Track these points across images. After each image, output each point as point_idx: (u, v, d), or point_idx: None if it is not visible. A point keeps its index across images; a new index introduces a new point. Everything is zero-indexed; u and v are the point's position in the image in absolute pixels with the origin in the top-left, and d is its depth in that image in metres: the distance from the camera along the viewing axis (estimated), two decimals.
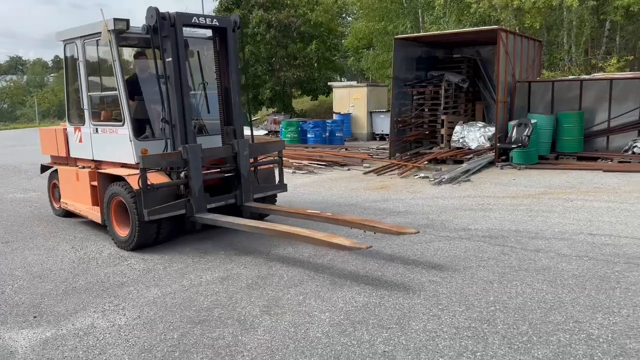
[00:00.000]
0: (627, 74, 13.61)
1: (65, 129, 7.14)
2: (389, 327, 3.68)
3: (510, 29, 15.24)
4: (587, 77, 13.77)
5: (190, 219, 5.76)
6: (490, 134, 12.48)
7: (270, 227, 5.32)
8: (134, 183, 5.45)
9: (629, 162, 10.95)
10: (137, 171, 5.48)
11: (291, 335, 3.64)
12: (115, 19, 5.72)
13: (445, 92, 13.42)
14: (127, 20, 5.82)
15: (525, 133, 11.10)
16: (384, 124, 18.60)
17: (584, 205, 7.39)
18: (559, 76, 17.69)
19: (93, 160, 6.66)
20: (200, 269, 5.19)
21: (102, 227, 6.47)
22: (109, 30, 5.76)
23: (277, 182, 6.82)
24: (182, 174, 5.74)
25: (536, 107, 12.95)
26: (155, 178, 5.58)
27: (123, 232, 5.89)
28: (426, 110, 13.99)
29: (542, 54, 16.56)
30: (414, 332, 3.60)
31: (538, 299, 4.08)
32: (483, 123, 13.24)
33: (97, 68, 6.48)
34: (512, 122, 11.60)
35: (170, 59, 5.60)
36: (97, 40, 6.16)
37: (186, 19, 5.68)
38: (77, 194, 6.84)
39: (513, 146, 11.19)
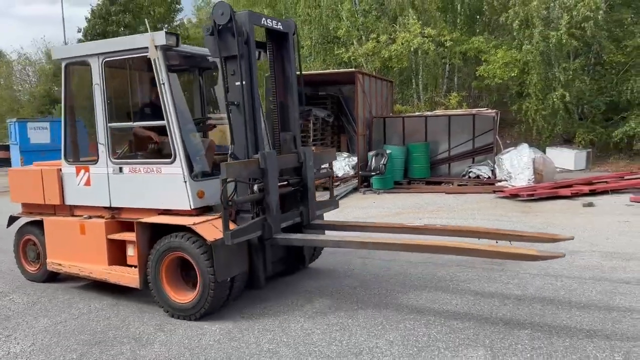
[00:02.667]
0: (462, 111, 16.01)
1: (59, 169, 5.67)
2: (272, 330, 4.33)
3: (367, 72, 17.08)
4: (430, 113, 15.93)
5: (268, 241, 4.81)
6: (353, 163, 13.89)
7: (408, 242, 4.50)
8: (208, 234, 4.45)
9: (466, 184, 12.96)
10: (204, 218, 4.71)
11: (186, 345, 4.12)
12: (167, 33, 4.85)
13: (313, 126, 14.66)
14: (178, 35, 4.97)
15: (382, 162, 12.59)
16: None
17: (429, 222, 8.75)
18: (410, 111, 20.08)
19: (109, 208, 5.38)
20: (87, 297, 5.39)
21: None
22: (156, 46, 4.81)
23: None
24: (255, 188, 4.72)
25: (390, 139, 14.67)
26: (212, 229, 4.60)
27: (182, 297, 4.74)
28: None
29: (394, 92, 18.75)
30: (293, 331, 4.30)
31: (390, 296, 5.03)
32: (348, 153, 14.67)
33: (125, 92, 5.37)
34: (371, 153, 13.08)
35: (239, 83, 4.66)
36: (127, 59, 5.15)
37: (256, 20, 4.84)
38: (81, 252, 5.43)
39: (372, 174, 12.62)
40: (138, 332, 4.41)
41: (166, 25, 29.44)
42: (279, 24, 5.08)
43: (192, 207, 4.78)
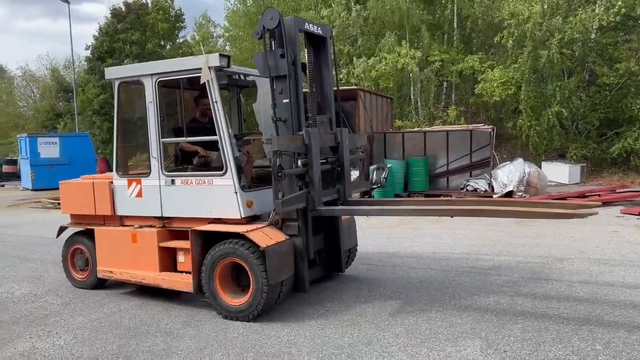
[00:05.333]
0: (460, 127, 16.59)
1: (110, 182, 5.97)
2: (290, 325, 4.80)
3: (367, 89, 17.71)
4: (428, 129, 16.50)
5: (312, 212, 5.16)
6: (355, 176, 14.40)
7: (450, 208, 5.00)
8: (260, 240, 4.80)
9: (464, 197, 13.47)
10: (255, 226, 5.05)
11: (213, 337, 4.60)
12: (220, 55, 5.15)
13: None
14: (229, 57, 5.24)
15: (383, 175, 13.05)
16: None
17: (429, 232, 9.25)
18: (409, 126, 20.71)
19: (160, 218, 5.67)
20: (116, 299, 5.86)
21: (7, 270, 6.68)
22: (209, 67, 5.13)
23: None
24: (300, 163, 5.08)
25: (391, 153, 15.22)
26: (272, 234, 5.01)
27: (234, 301, 5.03)
28: None
29: (394, 108, 19.38)
30: (309, 325, 4.77)
31: (394, 297, 5.50)
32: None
33: (176, 109, 5.73)
34: (372, 167, 13.57)
35: (286, 100, 5.05)
36: (181, 79, 5.51)
37: (300, 24, 5.21)
38: (133, 260, 5.71)
39: (373, 187, 13.11)
40: (168, 327, 4.88)
41: (170, 43, 30.19)
42: (319, 28, 5.50)
43: (242, 216, 5.12)
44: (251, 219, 5.28)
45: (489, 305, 5.13)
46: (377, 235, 9.09)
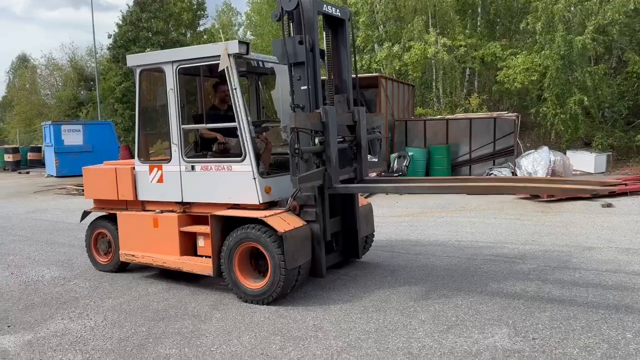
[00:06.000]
0: (483, 115, 16.38)
1: (133, 167, 6.06)
2: (315, 310, 4.83)
3: (389, 76, 17.55)
4: (451, 116, 16.33)
5: (329, 190, 5.19)
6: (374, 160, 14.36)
7: (469, 185, 5.10)
8: (279, 225, 4.87)
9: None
10: (274, 212, 5.10)
11: (240, 320, 4.65)
12: (239, 42, 5.18)
13: None
14: (248, 44, 5.32)
15: (404, 164, 13.03)
16: None
17: (452, 220, 9.19)
18: (430, 114, 20.49)
19: (181, 203, 5.76)
20: (144, 283, 5.96)
21: (36, 254, 6.83)
22: (229, 55, 5.16)
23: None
24: (317, 140, 5.06)
25: (412, 141, 15.13)
26: (290, 219, 5.06)
27: (253, 285, 5.12)
28: None
29: (415, 95, 19.17)
30: (333, 311, 4.79)
31: (419, 284, 5.49)
32: (370, 155, 15.11)
33: (196, 96, 5.78)
34: (394, 155, 13.53)
35: (305, 87, 5.06)
36: (200, 66, 5.57)
37: (319, 6, 5.18)
38: (154, 244, 5.82)
39: (395, 175, 13.07)
40: (196, 311, 4.94)
41: (190, 31, 30.28)
42: (338, 10, 5.47)
43: (261, 202, 5.20)
44: (269, 205, 5.33)
45: (516, 293, 5.08)
46: (399, 223, 9.06)
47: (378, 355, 3.86)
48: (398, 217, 9.63)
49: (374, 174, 6.22)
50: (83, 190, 6.94)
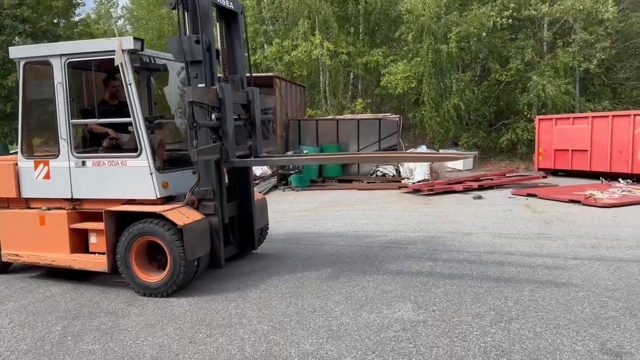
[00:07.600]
0: (369, 116, 17.44)
1: (15, 163, 5.80)
2: (235, 300, 5.01)
3: (283, 77, 17.96)
4: (340, 117, 17.16)
5: (226, 164, 5.39)
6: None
7: (352, 155, 5.89)
8: (178, 219, 4.95)
9: (374, 182, 14.28)
10: (171, 206, 5.16)
11: (160, 314, 4.68)
12: (134, 38, 5.21)
13: None
14: (143, 41, 5.33)
15: None
16: None
17: (347, 214, 9.80)
18: (320, 114, 21.28)
19: (70, 200, 5.62)
20: (45, 284, 5.66)
21: None
22: (123, 50, 5.15)
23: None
24: (214, 116, 5.22)
25: (305, 139, 15.66)
26: (188, 213, 5.17)
27: (151, 278, 5.17)
28: None
29: (306, 96, 19.82)
30: (253, 299, 5.02)
31: (328, 270, 5.90)
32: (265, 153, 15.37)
33: (87, 91, 5.69)
34: (289, 152, 13.93)
35: (202, 84, 5.20)
36: (92, 61, 5.45)
37: None
38: (41, 242, 5.63)
39: (291, 172, 13.49)
40: (111, 308, 4.86)
41: (63, 21, 28.03)
42: (231, 3, 5.72)
43: (158, 197, 5.28)
44: (166, 200, 5.43)
45: (413, 273, 5.71)
46: (301, 217, 9.46)
47: (302, 334, 4.17)
48: (298, 212, 10.03)
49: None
50: None
